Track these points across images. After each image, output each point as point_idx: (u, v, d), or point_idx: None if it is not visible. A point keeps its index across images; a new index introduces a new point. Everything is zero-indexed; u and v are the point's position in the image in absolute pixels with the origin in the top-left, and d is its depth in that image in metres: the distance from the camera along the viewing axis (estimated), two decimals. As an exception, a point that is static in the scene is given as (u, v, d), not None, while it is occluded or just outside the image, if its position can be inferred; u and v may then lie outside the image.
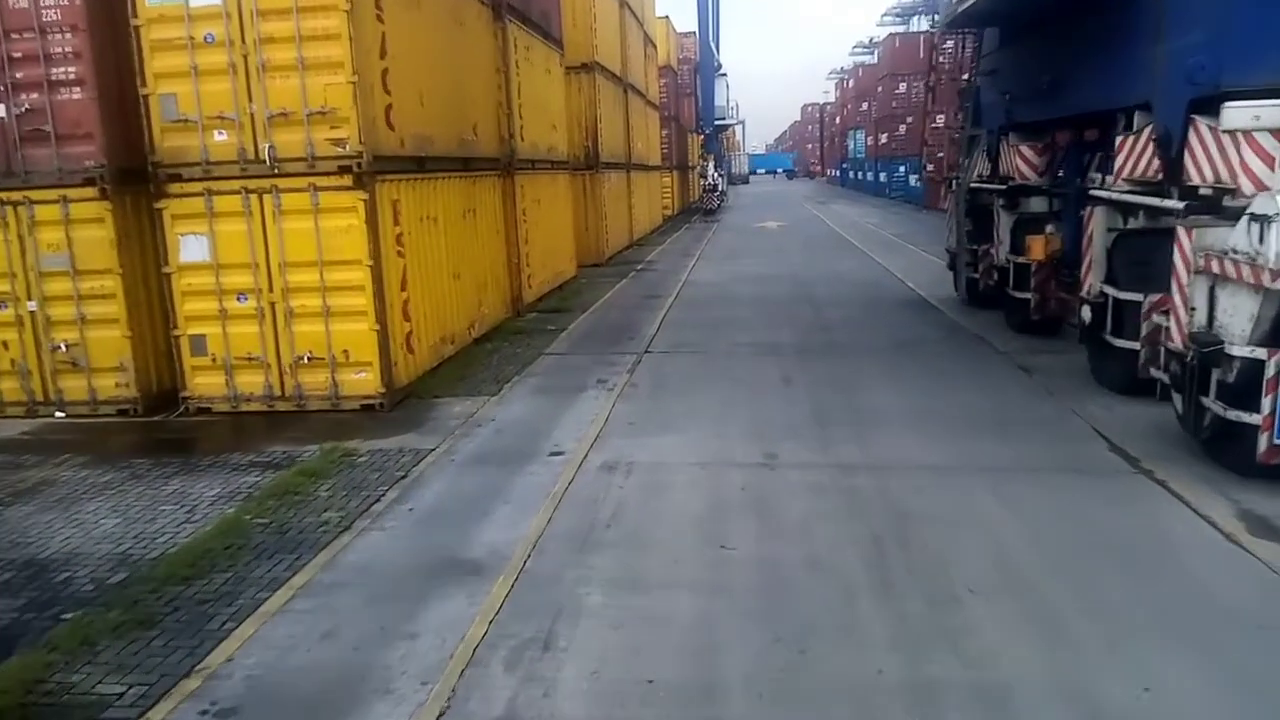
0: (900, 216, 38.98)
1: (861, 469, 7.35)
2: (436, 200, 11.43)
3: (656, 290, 18.38)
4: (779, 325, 13.94)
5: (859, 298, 16.48)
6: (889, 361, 11.26)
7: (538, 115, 17.24)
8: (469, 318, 12.62)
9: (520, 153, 15.73)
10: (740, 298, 16.94)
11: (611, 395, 9.98)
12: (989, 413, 8.92)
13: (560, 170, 19.47)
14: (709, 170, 51.91)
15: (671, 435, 8.45)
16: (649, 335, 13.41)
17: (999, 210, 13.12)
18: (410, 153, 10.60)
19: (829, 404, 9.38)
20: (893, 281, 18.43)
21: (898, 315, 14.61)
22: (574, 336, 13.69)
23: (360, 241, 9.45)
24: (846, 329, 13.53)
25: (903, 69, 55.33)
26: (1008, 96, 12.91)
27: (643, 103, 33.03)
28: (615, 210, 25.86)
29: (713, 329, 13.75)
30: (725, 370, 11.05)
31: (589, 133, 23.19)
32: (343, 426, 9.23)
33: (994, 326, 13.14)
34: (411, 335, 10.42)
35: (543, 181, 17.63)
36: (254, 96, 9.36)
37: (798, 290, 17.68)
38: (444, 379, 10.83)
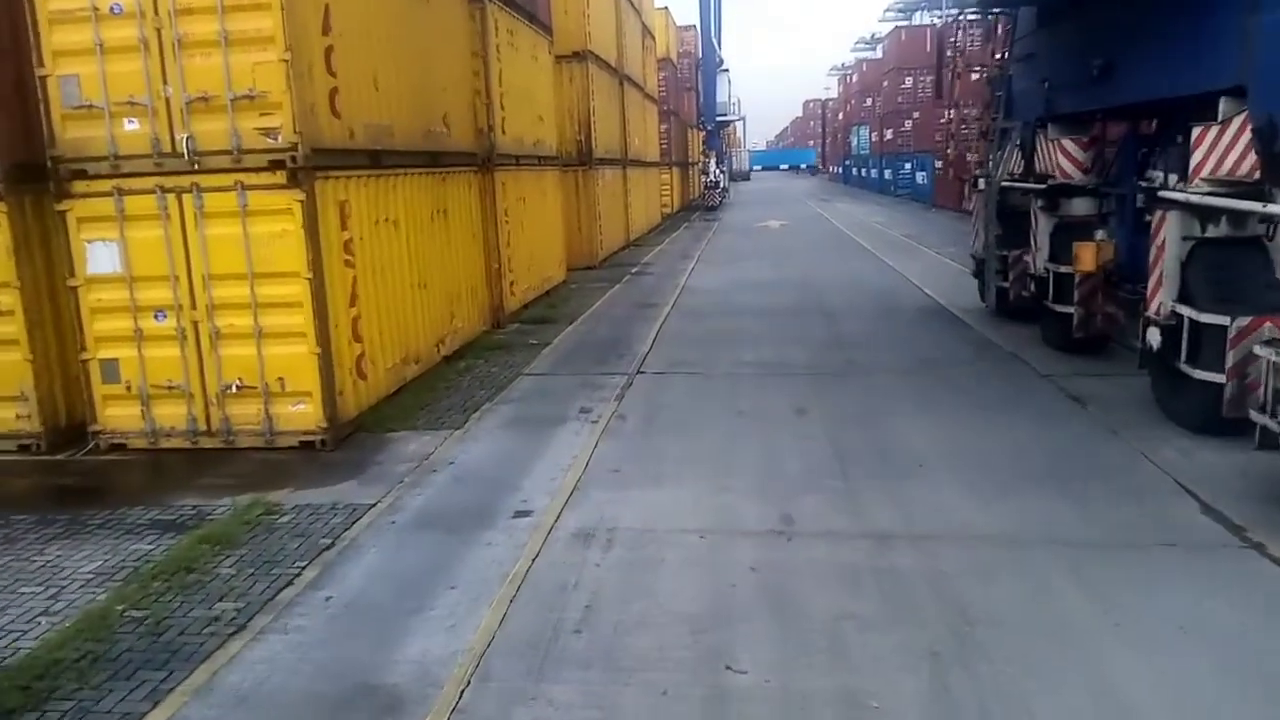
0: (908, 215, 37.47)
1: (902, 540, 5.88)
2: (397, 200, 9.94)
3: (652, 298, 16.89)
4: (787, 340, 12.46)
5: (874, 307, 15.00)
6: (916, 386, 9.78)
7: (522, 106, 15.75)
8: (437, 333, 11.14)
9: (501, 147, 14.24)
10: (743, 307, 15.45)
11: (595, 430, 8.50)
12: (1044, 457, 7.44)
13: (549, 166, 17.98)
14: (711, 167, 51.06)
15: (664, 488, 6.97)
16: (642, 352, 11.93)
17: (1037, 213, 11.64)
18: (362, 145, 9.11)
19: (852, 443, 7.90)
20: (909, 288, 16.94)
21: (919, 328, 13.13)
22: (558, 353, 12.21)
23: (296, 250, 7.96)
24: (864, 345, 12.05)
25: (909, 63, 53.82)
26: (1046, 84, 11.42)
27: (640, 96, 31.53)
28: (610, 209, 24.37)
29: (713, 345, 12.27)
30: (728, 397, 9.58)
31: (581, 126, 21.70)
32: (273, 470, 7.76)
33: (1029, 343, 11.66)
34: (363, 358, 8.95)
35: (528, 178, 16.15)
36: (169, 78, 7.87)
37: (806, 298, 16.19)
38: (403, 408, 9.35)
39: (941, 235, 27.36)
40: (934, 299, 15.54)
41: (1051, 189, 11.26)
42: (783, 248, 25.67)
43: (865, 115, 68.14)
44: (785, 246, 26.02)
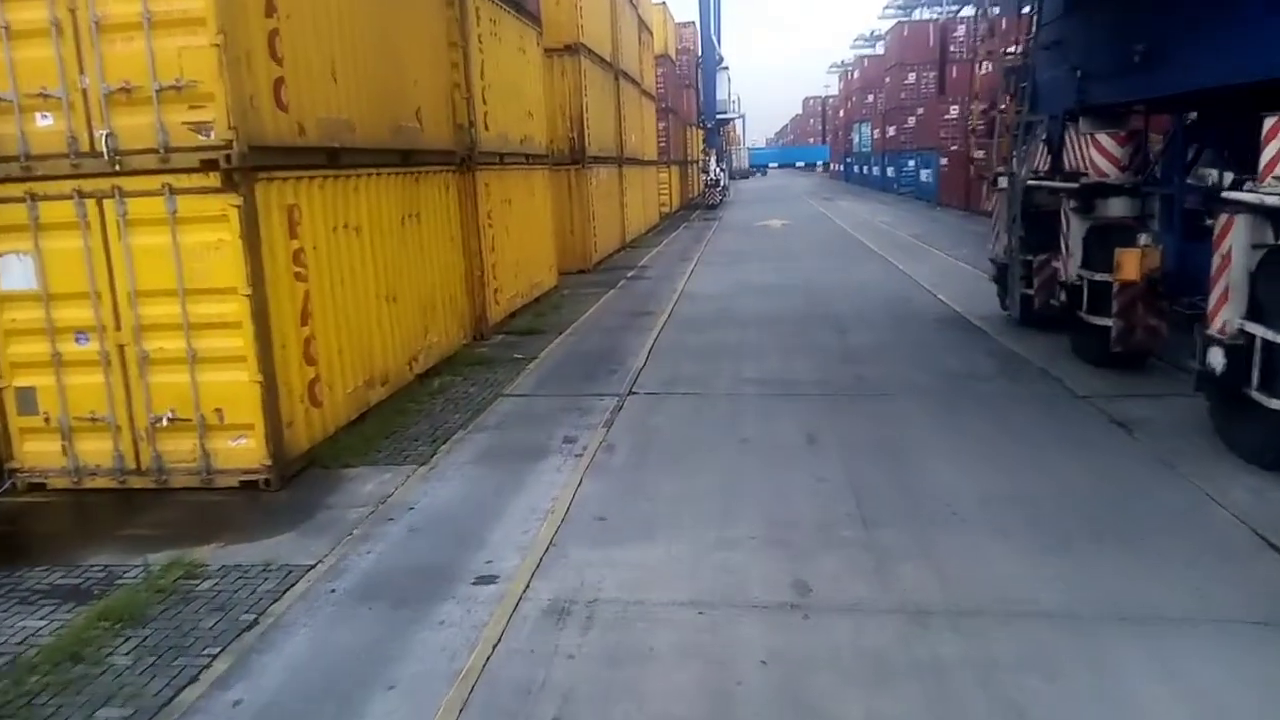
0: (914, 215, 36.42)
1: (941, 617, 4.85)
2: (359, 204, 8.92)
3: (648, 304, 15.86)
4: (794, 353, 11.43)
5: (886, 315, 13.96)
6: (940, 409, 8.75)
7: (508, 101, 14.72)
8: (409, 350, 10.11)
9: (484, 144, 13.21)
10: (745, 315, 14.41)
11: (579, 464, 7.48)
12: (1096, 500, 6.42)
13: (538, 165, 16.94)
14: (711, 165, 50.38)
15: (656, 542, 5.95)
16: (635, 368, 10.90)
17: (1068, 214, 10.60)
18: (317, 142, 8.08)
19: (871, 480, 6.88)
20: (922, 294, 15.90)
21: (937, 339, 12.09)
22: (544, 369, 11.18)
23: (233, 262, 6.94)
24: (878, 359, 11.02)
25: (911, 59, 52.80)
26: (1078, 73, 10.39)
27: (637, 92, 30.48)
28: (605, 209, 23.33)
29: (713, 359, 11.24)
30: (730, 422, 8.55)
31: (574, 123, 20.65)
32: (206, 517, 6.74)
33: (1059, 356, 10.65)
34: (317, 383, 7.92)
35: (515, 178, 15.11)
36: (86, 66, 6.84)
37: (812, 305, 15.16)
38: (364, 438, 8.32)
39: (950, 235, 26.33)
40: (949, 306, 14.50)
41: (1085, 188, 10.23)
42: (785, 249, 24.63)
43: (867, 112, 67.09)
44: (788, 248, 24.98)
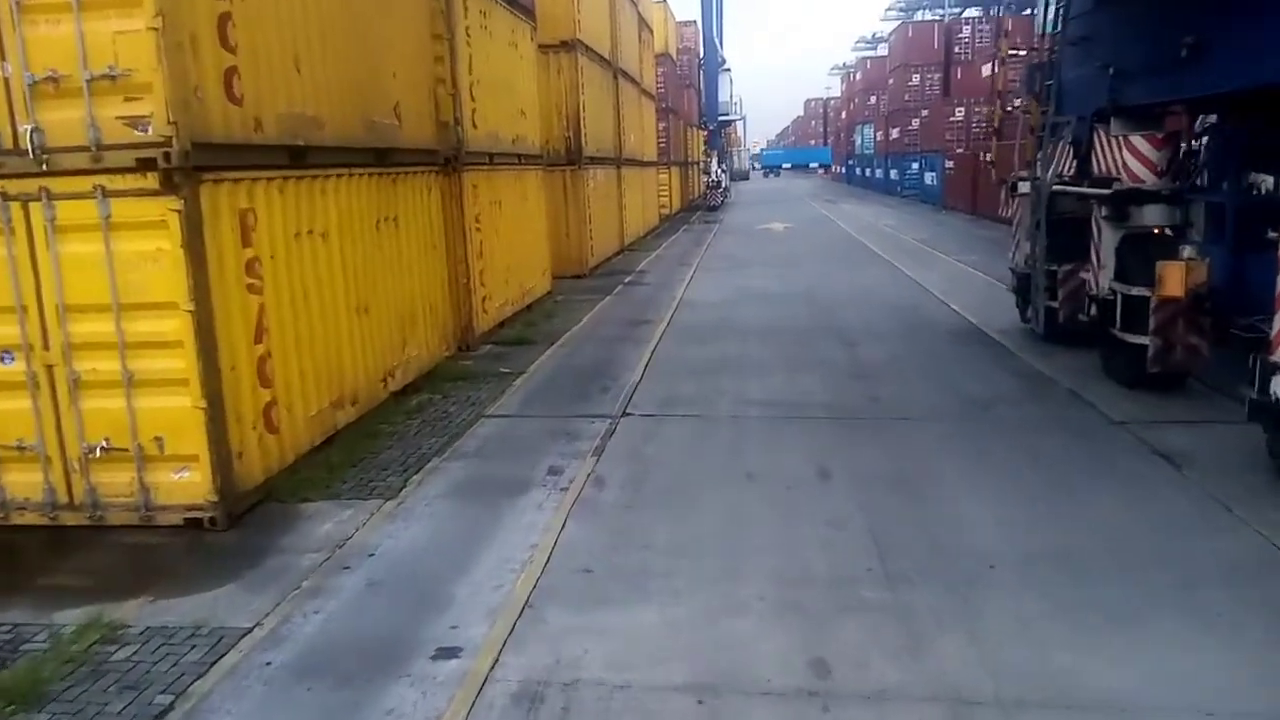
0: (919, 218, 35.65)
1: (990, 710, 4.06)
2: (327, 207, 8.12)
3: (645, 313, 15.06)
4: (801, 370, 10.63)
5: (898, 327, 13.16)
6: (964, 438, 7.95)
7: (499, 98, 13.93)
8: (384, 366, 9.31)
9: (472, 143, 12.41)
10: (748, 325, 13.61)
11: (564, 501, 6.68)
12: (1154, 555, 5.62)
13: (531, 166, 16.14)
14: (712, 166, 50.05)
15: (649, 603, 5.15)
16: (629, 384, 10.11)
17: (1099, 222, 9.82)
18: (276, 139, 7.28)
19: (893, 526, 6.08)
20: (934, 304, 15.11)
21: (954, 355, 11.29)
22: (531, 385, 10.37)
23: (174, 274, 6.14)
24: (892, 377, 10.22)
25: (916, 60, 52.10)
26: (1111, 71, 9.60)
27: (637, 91, 29.68)
28: (602, 211, 22.54)
29: (713, 375, 10.44)
30: (732, 451, 7.75)
31: (570, 122, 19.86)
32: (140, 563, 5.95)
33: (1087, 376, 9.86)
34: (274, 407, 7.12)
35: (505, 179, 14.32)
36: (8, 52, 6.05)
37: (819, 315, 14.36)
38: (329, 466, 7.52)
39: (958, 240, 25.56)
40: (963, 317, 13.71)
41: (1119, 195, 9.44)
42: (788, 254, 23.83)
43: (869, 114, 66.33)
44: (791, 252, 24.18)
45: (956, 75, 49.74)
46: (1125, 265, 9.44)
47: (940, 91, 50.44)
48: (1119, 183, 9.55)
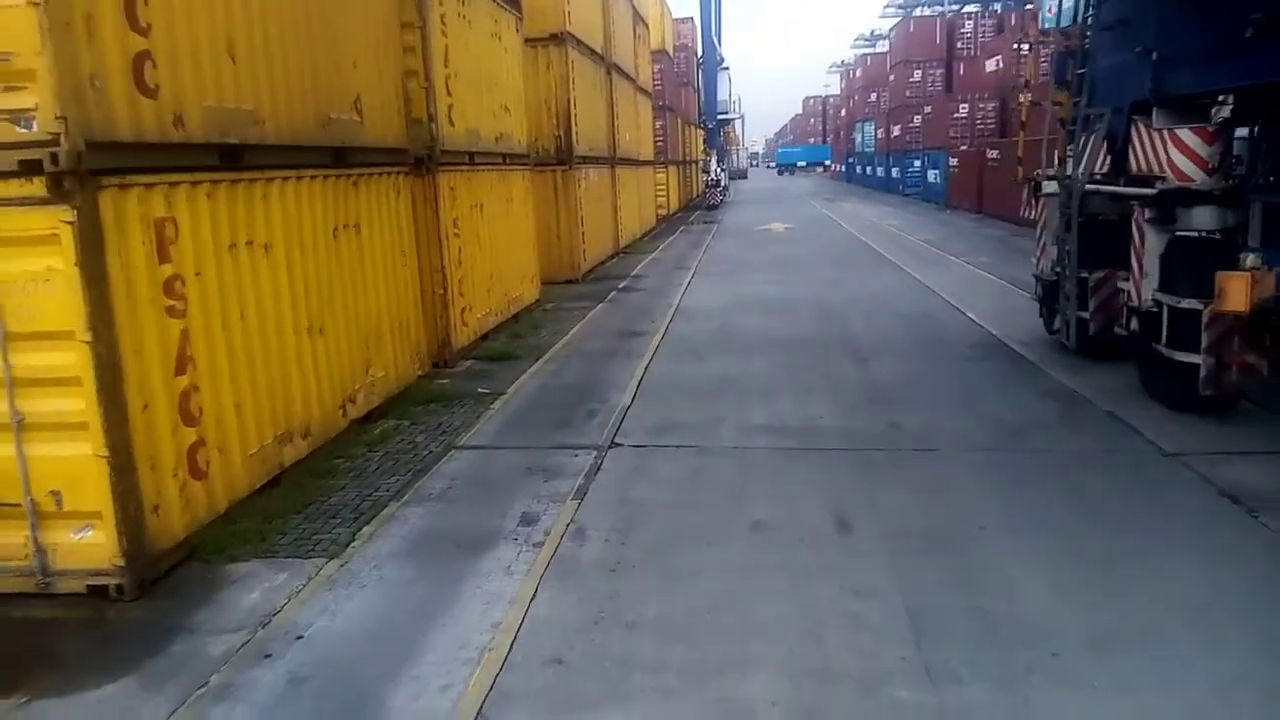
0: (923, 217, 34.66)
1: None
2: (271, 215, 7.11)
3: (639, 323, 14.05)
4: (810, 390, 9.62)
5: (912, 338, 12.15)
6: (1002, 478, 6.94)
7: (480, 94, 12.92)
8: (342, 391, 8.30)
9: (449, 142, 11.41)
10: (750, 337, 12.60)
11: (537, 561, 5.67)
12: (1247, 637, 4.62)
13: (517, 166, 15.13)
14: (711, 165, 49.91)
15: (633, 709, 4.14)
16: (619, 407, 9.11)
17: (1141, 226, 8.82)
18: (203, 137, 6.26)
19: (933, 600, 5.05)
20: (947, 311, 14.10)
21: (977, 372, 10.29)
22: (511, 409, 9.37)
23: (69, 298, 5.14)
24: (910, 398, 9.21)
25: (917, 55, 51.16)
26: (1154, 57, 8.60)
27: (632, 89, 28.68)
28: (595, 213, 21.53)
29: (712, 397, 9.44)
30: (736, 494, 6.74)
31: (560, 120, 18.84)
32: (25, 646, 4.95)
33: (1126, 395, 8.88)
34: (200, 449, 6.11)
35: (488, 181, 13.30)
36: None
37: (826, 324, 13.35)
38: (268, 514, 6.50)
39: (966, 241, 24.57)
40: (982, 326, 12.70)
41: (1165, 196, 8.43)
42: (790, 256, 22.81)
43: (870, 111, 65.35)
44: (793, 255, 23.16)
45: (959, 71, 48.81)
46: (1171, 274, 8.45)
47: (942, 88, 49.50)
48: (1163, 181, 8.55)
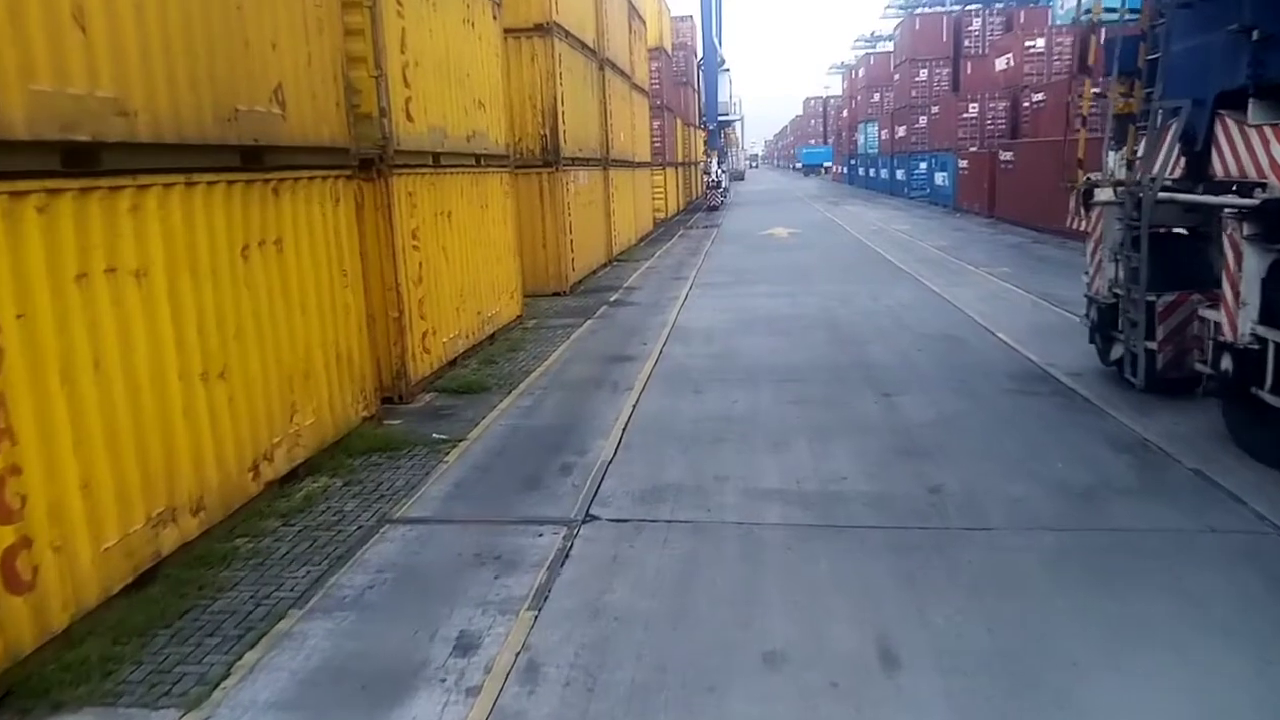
0: (933, 222, 33.11)
1: None
2: (144, 232, 5.52)
3: (629, 345, 12.46)
4: (828, 437, 8.04)
5: (942, 367, 10.57)
6: (1087, 576, 5.33)
7: (448, 86, 11.35)
8: (254, 448, 6.70)
9: (408, 141, 9.85)
10: (755, 365, 11.02)
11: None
12: None
13: (493, 168, 13.54)
14: (712, 166, 49.20)
15: None
16: (599, 462, 7.53)
17: (1238, 244, 7.24)
18: (29, 134, 4.68)
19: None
20: (979, 333, 12.51)
21: (1024, 412, 8.70)
22: (470, 461, 7.77)
23: None
24: (951, 450, 7.62)
25: (923, 53, 49.62)
26: (1255, 36, 7.02)
27: (627, 86, 27.11)
28: (586, 219, 19.97)
29: (711, 448, 7.85)
30: (742, 604, 5.13)
31: (546, 118, 17.28)
32: None
33: (1214, 448, 7.32)
34: (19, 554, 4.51)
35: (457, 185, 11.72)
36: None
37: (840, 347, 11.77)
38: (124, 629, 4.90)
39: (983, 249, 23.00)
40: (1019, 352, 11.12)
41: (1271, 208, 6.85)
42: (796, 265, 21.22)
43: (873, 112, 63.77)
44: (799, 263, 21.57)
45: (966, 70, 47.28)
46: (1278, 304, 6.87)
47: (949, 87, 47.95)
48: (1265, 190, 6.97)
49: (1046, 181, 19.24)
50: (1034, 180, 25.93)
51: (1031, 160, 27.72)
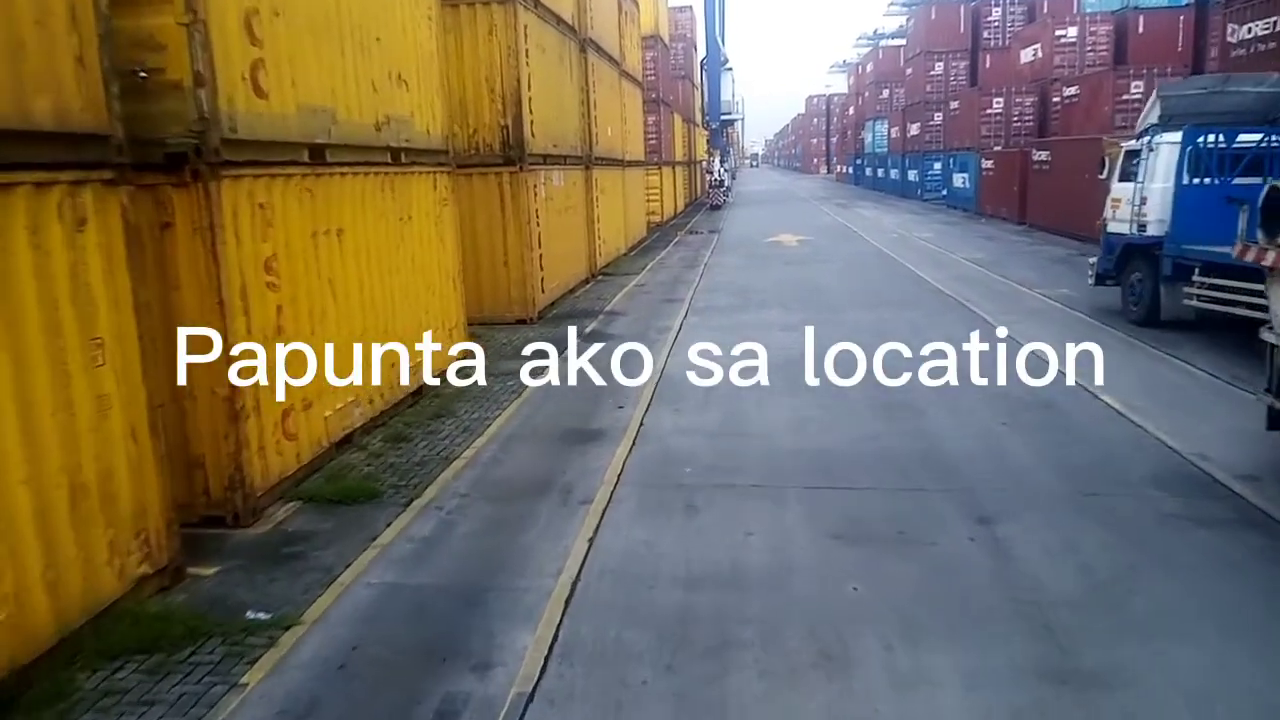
0: (957, 228, 29.78)
1: None
2: None
3: (596, 411, 9.10)
4: (913, 633, 4.69)
5: (1049, 462, 7.18)
6: None
7: (339, 50, 8.00)
8: None
9: (255, 126, 6.52)
10: (773, 452, 7.65)
11: None
12: None
13: (421, 167, 10.15)
14: (715, 165, 47.87)
15: None
16: (513, 698, 4.19)
17: None
18: None
19: None
20: (1077, 396, 9.16)
21: (1216, 569, 5.34)
22: (287, 687, 4.43)
23: None
24: (1140, 676, 4.29)
25: (940, 45, 46.27)
26: None
27: (616, 74, 23.75)
28: (561, 228, 16.61)
29: (714, 660, 4.51)
30: None
31: (507, 105, 13.92)
32: None
33: None
34: None
35: (355, 191, 8.35)
36: None
37: (892, 421, 8.39)
38: None
39: (1028, 263, 19.65)
40: (1147, 431, 7.79)
41: None
42: (810, 283, 17.83)
43: (882, 109, 60.36)
44: (813, 281, 18.19)
45: (985, 63, 43.92)
46: None
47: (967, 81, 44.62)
48: None
49: (1090, 184, 16.07)
50: (1074, 183, 22.61)
51: (1072, 160, 24.35)
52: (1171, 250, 11.67)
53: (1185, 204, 11.58)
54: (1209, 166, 11.55)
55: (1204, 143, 11.59)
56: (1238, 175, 11.25)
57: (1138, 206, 12.50)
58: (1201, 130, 11.63)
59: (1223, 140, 11.53)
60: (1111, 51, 33.21)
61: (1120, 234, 12.99)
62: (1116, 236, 13.13)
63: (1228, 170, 11.42)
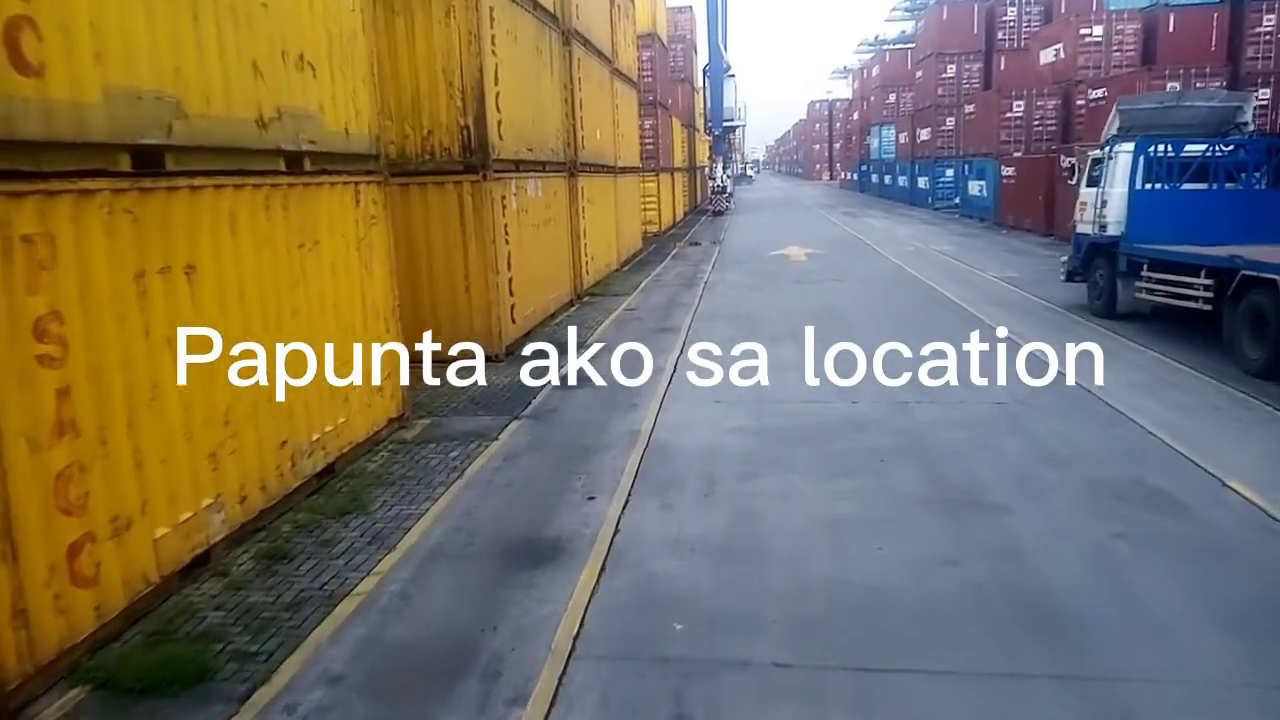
0: (977, 240, 27.51)
1: None
2: None
3: (556, 511, 6.74)
4: None
5: (1199, 612, 4.88)
6: None
7: (186, 13, 5.72)
8: None
9: (66, 124, 4.22)
10: (805, 585, 5.35)
11: None
12: None
13: (337, 176, 7.83)
14: (717, 172, 47.00)
15: None
16: None
17: None
18: None
19: None
20: (1192, 477, 6.85)
21: None
22: None
23: None
24: None
25: (952, 47, 44.03)
26: None
27: (607, 71, 21.47)
28: (537, 246, 14.30)
29: None
30: None
31: (469, 101, 11.61)
32: None
33: None
34: None
35: (220, 212, 6.05)
36: None
37: (960, 526, 6.08)
38: None
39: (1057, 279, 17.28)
40: None
41: None
42: (828, 308, 15.48)
43: (889, 114, 58.04)
44: (830, 305, 15.86)
45: (1000, 65, 41.63)
46: None
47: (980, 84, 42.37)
48: None
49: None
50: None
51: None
52: (1125, 248, 13.12)
53: (1138, 206, 12.99)
54: (1159, 173, 12.94)
55: (1154, 152, 12.93)
56: (1185, 182, 12.82)
57: (1099, 209, 13.87)
58: (1153, 140, 13.03)
59: (1171, 150, 12.89)
60: (1140, 51, 30.97)
61: (1086, 234, 14.40)
62: (1083, 237, 14.53)
63: (1176, 176, 12.88)
